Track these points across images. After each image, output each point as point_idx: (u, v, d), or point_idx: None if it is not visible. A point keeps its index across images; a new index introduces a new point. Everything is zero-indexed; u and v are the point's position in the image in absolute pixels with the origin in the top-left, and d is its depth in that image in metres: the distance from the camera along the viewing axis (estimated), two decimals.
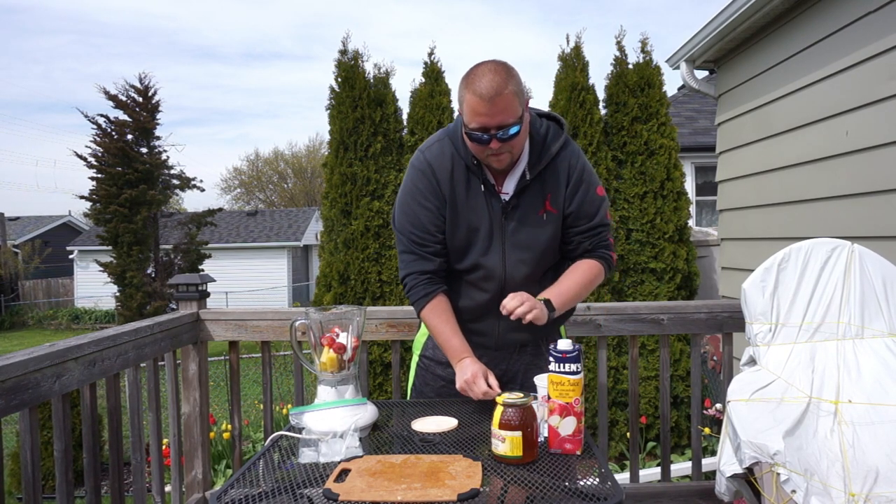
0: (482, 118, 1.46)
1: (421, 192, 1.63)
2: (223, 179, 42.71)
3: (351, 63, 5.11)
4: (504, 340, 1.72)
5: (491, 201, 1.62)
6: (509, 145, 1.51)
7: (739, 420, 1.79)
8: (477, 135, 1.49)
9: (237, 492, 1.20)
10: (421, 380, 1.84)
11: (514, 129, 1.48)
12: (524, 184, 1.61)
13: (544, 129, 1.65)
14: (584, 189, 1.66)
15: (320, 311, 1.50)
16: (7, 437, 5.84)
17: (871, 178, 2.85)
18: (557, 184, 1.63)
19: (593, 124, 4.93)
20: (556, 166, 1.64)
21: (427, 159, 1.64)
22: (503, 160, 1.54)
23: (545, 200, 1.62)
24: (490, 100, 1.44)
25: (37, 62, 67.26)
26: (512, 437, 1.27)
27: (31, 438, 1.60)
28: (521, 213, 1.62)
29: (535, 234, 1.63)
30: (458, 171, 1.62)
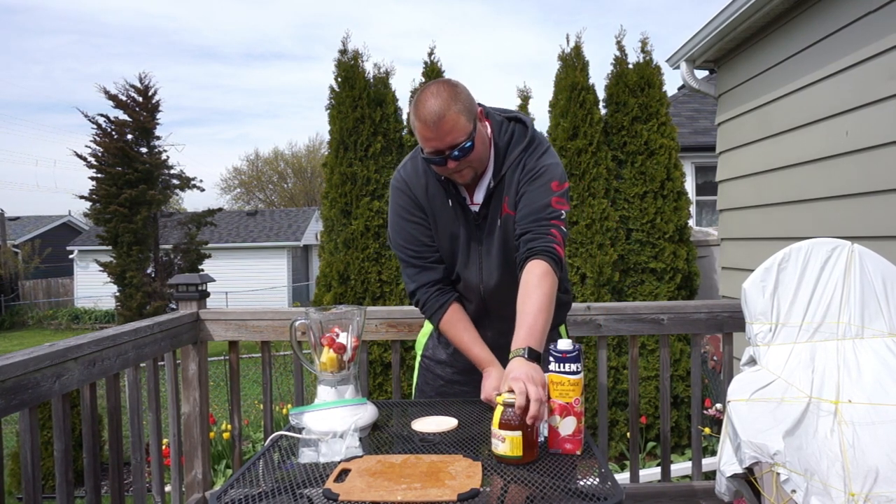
0: (432, 143, 1.48)
1: (404, 209, 1.67)
2: (223, 179, 42.72)
3: (351, 63, 5.11)
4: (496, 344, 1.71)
5: (462, 213, 1.64)
6: (467, 161, 1.52)
7: (739, 420, 1.79)
8: (432, 158, 1.52)
9: (237, 492, 1.20)
10: (423, 379, 1.87)
11: (466, 144, 1.49)
12: (490, 192, 1.62)
13: (508, 134, 1.63)
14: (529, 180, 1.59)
15: (320, 311, 1.50)
16: (7, 437, 5.84)
17: (871, 178, 2.85)
18: (512, 181, 1.61)
19: (593, 124, 4.93)
20: (514, 167, 1.62)
21: (403, 178, 1.68)
22: (465, 175, 1.56)
23: (503, 203, 1.62)
24: (435, 125, 1.45)
25: (37, 62, 67.29)
26: (512, 436, 1.27)
27: (31, 438, 1.60)
28: (489, 222, 1.64)
29: (501, 239, 1.64)
30: (432, 184, 1.65)
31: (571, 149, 4.91)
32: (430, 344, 1.85)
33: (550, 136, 5.09)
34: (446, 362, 1.81)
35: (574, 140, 4.93)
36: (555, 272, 1.54)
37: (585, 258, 4.84)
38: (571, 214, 4.87)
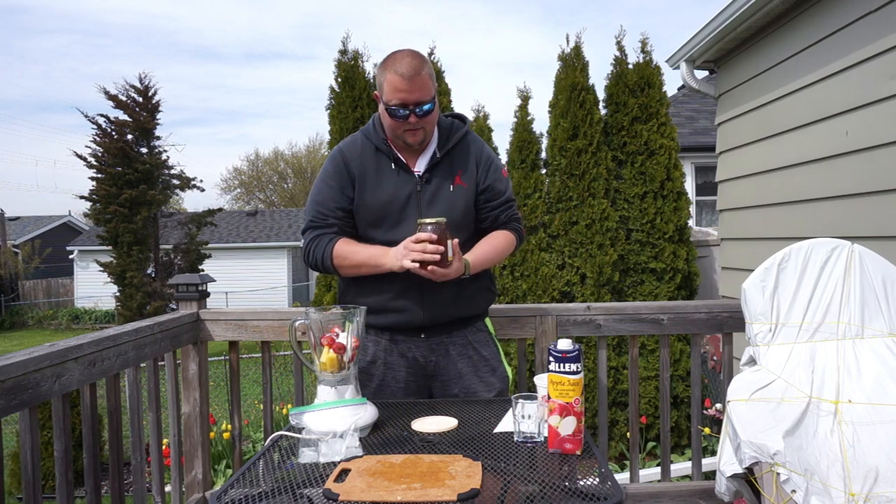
0: (402, 94, 1.64)
1: (329, 174, 1.81)
2: (223, 179, 42.74)
3: (351, 63, 5.11)
4: (430, 316, 1.78)
5: (403, 177, 1.77)
6: (424, 121, 1.70)
7: (739, 420, 1.79)
8: (397, 110, 1.67)
9: (237, 492, 1.20)
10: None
11: (428, 106, 1.68)
12: (435, 161, 1.79)
13: (449, 122, 1.87)
14: (494, 170, 1.86)
15: (320, 311, 1.50)
16: (7, 437, 5.84)
17: (871, 178, 2.85)
18: (467, 162, 1.83)
19: (593, 124, 4.93)
20: (466, 147, 1.84)
21: (340, 147, 1.84)
22: (418, 135, 1.72)
23: (455, 175, 1.80)
24: (410, 78, 1.63)
25: (37, 62, 67.27)
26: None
27: (31, 438, 1.60)
28: (434, 187, 1.78)
29: (449, 204, 1.77)
30: (367, 154, 1.80)
31: (571, 149, 4.91)
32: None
33: (550, 137, 5.09)
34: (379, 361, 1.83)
35: (574, 140, 4.93)
36: (516, 242, 1.90)
37: (585, 258, 4.84)
38: (571, 214, 4.89)
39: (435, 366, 1.83)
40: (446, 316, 1.80)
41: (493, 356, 1.88)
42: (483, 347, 1.87)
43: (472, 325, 1.87)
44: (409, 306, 1.77)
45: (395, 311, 1.78)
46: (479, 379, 1.83)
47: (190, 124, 66.46)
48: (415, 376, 1.83)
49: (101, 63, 65.17)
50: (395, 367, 1.82)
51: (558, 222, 4.92)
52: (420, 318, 1.78)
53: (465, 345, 1.84)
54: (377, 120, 1.81)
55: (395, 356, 1.82)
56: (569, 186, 4.91)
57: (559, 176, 4.96)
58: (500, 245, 1.84)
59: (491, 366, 1.86)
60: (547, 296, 4.86)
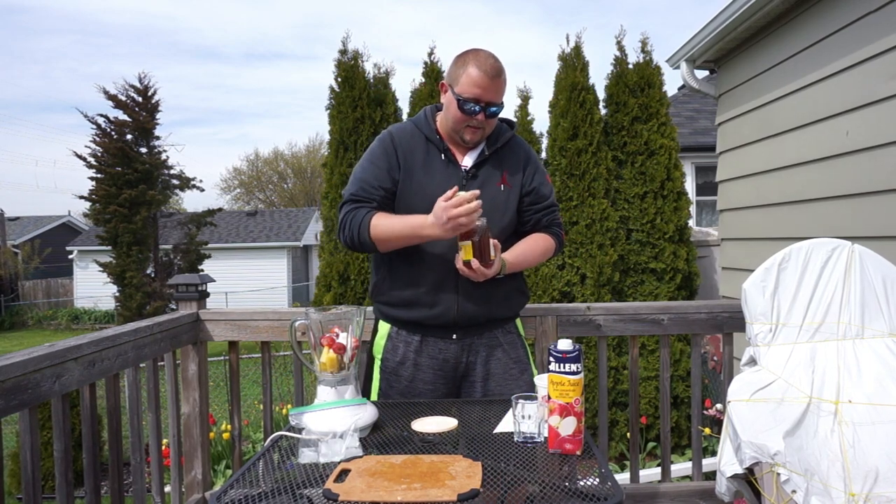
0: (479, 91, 1.67)
1: (374, 154, 1.80)
2: (223, 179, 42.72)
3: (351, 63, 5.11)
4: (462, 315, 1.76)
5: (450, 169, 1.78)
6: (489, 123, 1.73)
7: (740, 420, 1.79)
8: (469, 105, 1.68)
9: (237, 492, 1.20)
10: (385, 383, 1.85)
11: (496, 108, 1.71)
12: (482, 158, 1.80)
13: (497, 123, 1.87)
14: (540, 174, 1.88)
15: (320, 311, 1.50)
16: (7, 437, 5.84)
17: (871, 178, 2.85)
18: (514, 164, 1.84)
19: (593, 124, 4.93)
20: (513, 149, 1.86)
21: (390, 131, 1.84)
22: (477, 135, 1.74)
23: (502, 175, 1.81)
24: (492, 78, 1.67)
25: (37, 62, 67.28)
26: (465, 244, 1.61)
27: (31, 439, 1.60)
28: (479, 183, 1.78)
29: (493, 203, 1.76)
30: (417, 142, 1.79)
31: (571, 149, 4.91)
32: (388, 346, 1.85)
33: (550, 137, 5.09)
34: (409, 362, 1.81)
35: (574, 140, 4.93)
36: (556, 247, 1.90)
37: (585, 258, 4.84)
38: (572, 214, 4.89)
39: (465, 367, 1.81)
40: (479, 315, 1.78)
41: (523, 358, 1.87)
42: (513, 349, 1.85)
43: (502, 327, 1.85)
44: (443, 301, 1.75)
45: (428, 306, 1.76)
46: (508, 380, 1.82)
47: (190, 124, 66.50)
48: (444, 378, 1.81)
49: (100, 63, 65.21)
50: (424, 369, 1.80)
51: None
52: (453, 315, 1.76)
53: (495, 346, 1.82)
54: (429, 112, 1.83)
55: (426, 357, 1.80)
56: (569, 186, 4.91)
57: (559, 176, 4.96)
58: (538, 247, 1.84)
59: (520, 367, 1.85)
60: (547, 296, 4.86)
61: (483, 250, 1.62)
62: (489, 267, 1.64)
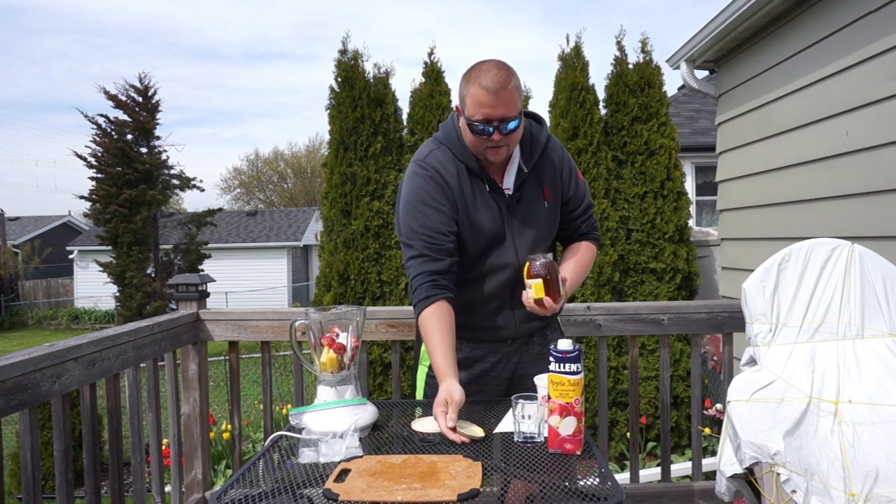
0: (486, 110, 1.52)
1: (430, 195, 1.63)
2: (223, 179, 42.72)
3: (351, 63, 5.11)
4: (520, 331, 1.76)
5: (496, 197, 1.68)
6: (508, 139, 1.57)
7: (740, 420, 1.79)
8: (479, 126, 1.54)
9: (237, 492, 1.20)
10: (432, 390, 1.78)
11: (514, 122, 1.55)
12: (523, 177, 1.69)
13: (528, 126, 1.74)
14: (574, 175, 1.79)
15: (320, 311, 1.50)
16: (7, 437, 5.84)
17: (871, 178, 2.85)
18: (552, 173, 1.74)
19: (593, 124, 4.93)
20: (549, 157, 1.74)
21: (432, 165, 1.66)
22: (501, 153, 1.60)
23: (543, 190, 1.72)
24: (496, 92, 1.50)
25: (37, 62, 67.26)
26: (535, 283, 1.55)
27: (31, 438, 1.60)
28: (524, 205, 1.70)
29: (539, 222, 1.72)
30: (462, 174, 1.66)
31: (571, 149, 4.90)
32: None
33: None
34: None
35: (574, 140, 4.93)
36: (596, 251, 1.87)
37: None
38: None
39: (516, 365, 1.80)
40: (532, 327, 1.78)
41: None
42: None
43: (548, 326, 1.85)
44: (500, 325, 1.73)
45: (486, 329, 1.74)
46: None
47: (190, 124, 66.50)
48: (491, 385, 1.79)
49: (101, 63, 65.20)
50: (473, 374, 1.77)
51: None
52: (511, 334, 1.75)
53: (544, 345, 1.80)
54: (459, 131, 1.65)
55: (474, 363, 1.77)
56: None
57: None
58: (586, 260, 1.80)
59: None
60: None
61: (553, 286, 1.56)
62: (559, 301, 1.59)
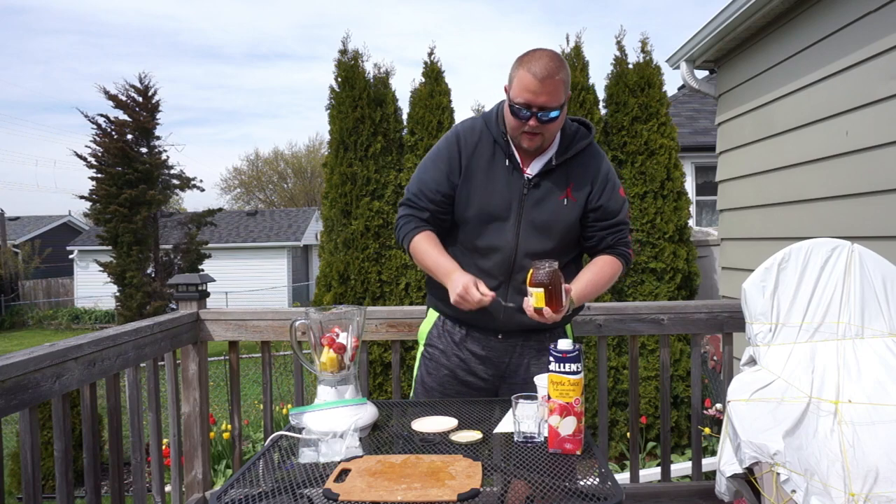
0: (529, 94, 1.56)
1: (438, 155, 1.74)
2: (223, 179, 42.72)
3: (351, 63, 5.11)
4: (510, 323, 1.73)
5: (513, 176, 1.69)
6: (545, 128, 1.60)
7: (739, 420, 1.79)
8: (520, 109, 1.58)
9: (237, 492, 1.20)
10: (424, 369, 1.84)
11: (554, 113, 1.58)
12: (549, 167, 1.70)
13: (574, 128, 1.76)
14: (611, 188, 1.75)
15: (320, 311, 1.50)
16: (7, 437, 5.84)
17: (871, 178, 2.85)
18: (583, 177, 1.73)
19: (593, 124, 4.93)
20: (584, 161, 1.74)
21: (457, 129, 1.76)
22: (535, 141, 1.63)
23: (567, 188, 1.71)
24: (542, 80, 1.54)
25: (37, 62, 67.27)
26: (536, 292, 1.50)
27: (31, 438, 1.60)
28: (541, 193, 1.70)
29: (554, 215, 1.71)
30: (484, 144, 1.71)
31: None
32: (434, 333, 1.83)
33: None
34: (452, 352, 1.79)
35: None
36: (623, 268, 1.79)
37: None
38: None
39: (507, 367, 1.78)
40: (525, 325, 1.71)
41: None
42: None
43: (551, 332, 1.78)
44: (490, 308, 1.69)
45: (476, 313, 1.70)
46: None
47: (191, 124, 66.53)
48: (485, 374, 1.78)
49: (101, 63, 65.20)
50: (466, 361, 1.78)
51: None
52: (499, 322, 1.73)
53: (542, 350, 1.77)
54: (501, 110, 1.71)
55: (467, 352, 1.78)
56: None
57: None
58: (605, 275, 1.74)
59: None
60: None
61: (555, 296, 1.52)
62: (559, 312, 1.55)
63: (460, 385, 1.79)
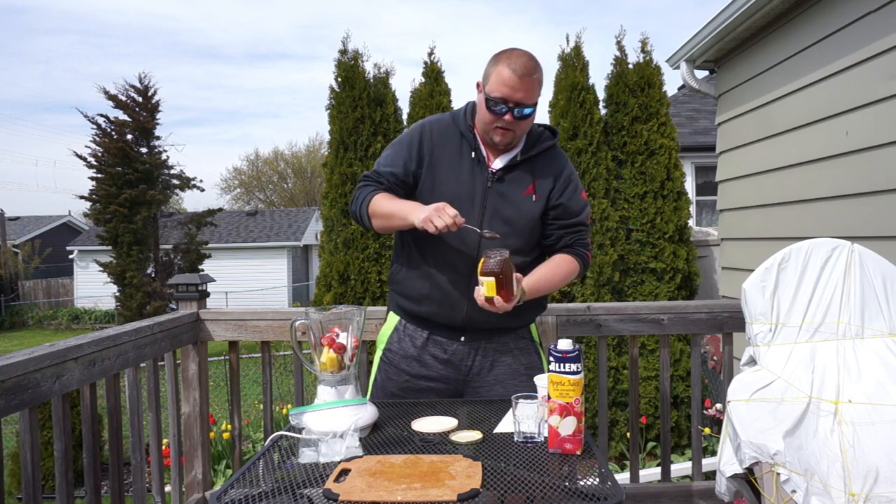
0: (507, 90, 1.60)
1: (402, 143, 1.78)
2: (223, 179, 42.73)
3: (351, 63, 5.11)
4: (472, 317, 1.72)
5: (477, 169, 1.73)
6: (518, 124, 1.65)
7: (739, 420, 1.79)
8: (496, 104, 1.62)
9: (237, 492, 1.20)
10: (384, 374, 1.83)
11: (528, 110, 1.64)
12: (513, 163, 1.74)
13: (539, 130, 1.83)
14: (573, 189, 1.80)
15: (320, 311, 1.50)
16: (7, 437, 5.84)
17: (871, 178, 2.85)
18: (547, 175, 1.77)
19: (593, 124, 4.93)
20: (548, 160, 1.79)
21: (423, 122, 1.80)
22: (507, 136, 1.67)
23: (531, 184, 1.75)
24: (521, 77, 1.60)
25: (37, 62, 67.28)
26: (487, 281, 1.51)
27: (31, 438, 1.60)
28: (505, 187, 1.73)
29: (516, 210, 1.73)
30: (451, 136, 1.76)
31: (571, 149, 4.90)
32: (394, 338, 1.82)
33: None
34: (413, 356, 1.79)
35: (574, 140, 4.93)
36: (580, 269, 1.81)
37: None
38: None
39: (469, 370, 1.78)
40: (488, 323, 1.72)
41: (535, 365, 1.81)
42: (524, 355, 1.81)
43: (515, 333, 1.81)
44: (453, 302, 1.72)
45: (437, 304, 1.73)
46: (517, 387, 1.75)
47: (191, 124, 66.54)
48: (447, 378, 1.78)
49: (101, 63, 65.21)
50: (427, 366, 1.78)
51: None
52: (461, 317, 1.73)
53: (505, 352, 1.78)
54: (470, 108, 1.77)
55: (429, 356, 1.77)
56: None
57: None
58: (560, 271, 1.76)
59: (530, 375, 1.77)
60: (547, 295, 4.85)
61: (506, 286, 1.53)
62: (510, 301, 1.56)
63: (419, 392, 1.79)
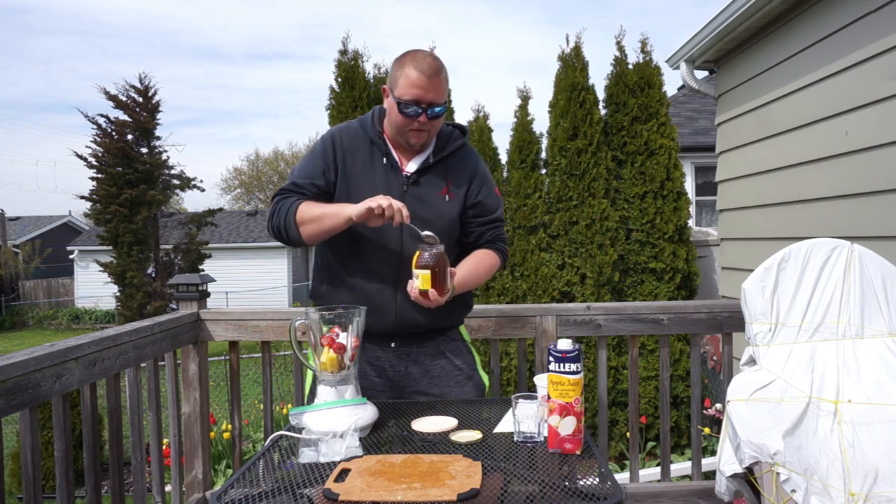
0: (418, 91, 1.62)
1: (315, 152, 1.77)
2: (223, 179, 42.69)
3: (351, 63, 5.11)
4: (402, 321, 1.73)
5: (391, 174, 1.74)
6: (432, 124, 1.68)
7: (739, 420, 1.79)
8: (409, 107, 1.63)
9: (237, 492, 1.20)
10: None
11: (439, 108, 1.66)
12: (426, 165, 1.75)
13: (449, 130, 1.85)
14: (488, 186, 1.83)
15: (320, 311, 1.50)
16: (7, 437, 5.84)
17: (871, 178, 2.85)
18: (460, 175, 1.79)
19: (593, 124, 4.93)
20: (460, 160, 1.81)
21: (331, 131, 1.80)
22: (422, 137, 1.69)
23: (446, 185, 1.77)
24: (430, 77, 1.62)
25: (38, 62, 67.30)
26: (423, 274, 1.53)
27: (32, 438, 1.60)
28: (421, 190, 1.74)
29: (434, 211, 1.73)
30: (361, 144, 1.76)
31: (571, 149, 4.91)
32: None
33: (550, 137, 5.09)
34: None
35: (574, 140, 4.93)
36: (501, 262, 1.85)
37: (585, 258, 4.84)
38: (572, 214, 4.90)
39: (405, 376, 1.78)
40: (418, 326, 1.74)
41: (468, 365, 1.83)
42: (457, 357, 1.82)
43: (444, 335, 1.82)
44: (381, 308, 1.71)
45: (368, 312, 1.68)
46: (453, 387, 1.79)
47: (191, 124, 66.57)
48: (382, 386, 1.78)
49: (101, 63, 65.23)
50: (362, 375, 1.76)
51: (558, 222, 4.92)
52: (391, 323, 1.73)
53: (437, 354, 1.80)
54: (377, 113, 1.77)
55: (364, 364, 1.77)
56: (569, 186, 4.91)
57: (559, 176, 4.96)
58: (484, 265, 1.79)
59: (465, 374, 1.81)
60: (547, 296, 4.86)
61: (441, 279, 1.55)
62: (444, 295, 1.57)
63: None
